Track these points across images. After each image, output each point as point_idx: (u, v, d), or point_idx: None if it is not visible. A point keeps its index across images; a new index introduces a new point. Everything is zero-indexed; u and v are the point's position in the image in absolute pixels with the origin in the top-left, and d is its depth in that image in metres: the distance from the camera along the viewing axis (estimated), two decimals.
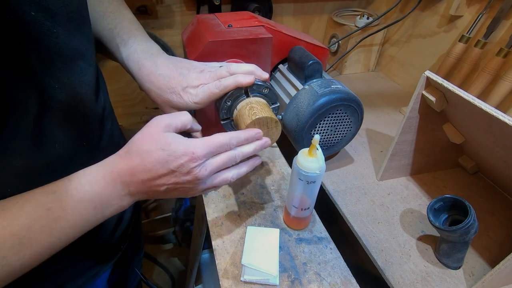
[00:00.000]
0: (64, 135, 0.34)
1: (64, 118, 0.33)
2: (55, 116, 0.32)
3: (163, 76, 0.41)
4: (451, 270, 0.45)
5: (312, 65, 0.54)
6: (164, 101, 0.42)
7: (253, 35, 0.51)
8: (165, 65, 0.42)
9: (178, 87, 0.41)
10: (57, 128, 0.32)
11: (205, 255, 1.05)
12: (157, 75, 0.41)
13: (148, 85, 0.42)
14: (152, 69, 0.42)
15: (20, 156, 0.30)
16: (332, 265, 0.44)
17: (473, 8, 0.69)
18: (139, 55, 0.43)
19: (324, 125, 0.54)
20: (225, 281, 0.42)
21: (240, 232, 0.48)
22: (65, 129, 0.33)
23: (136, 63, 0.43)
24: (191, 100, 0.41)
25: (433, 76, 0.43)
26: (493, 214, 0.54)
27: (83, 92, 0.35)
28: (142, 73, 0.42)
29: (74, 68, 0.33)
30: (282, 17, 0.91)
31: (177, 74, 0.41)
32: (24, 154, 0.30)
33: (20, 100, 0.28)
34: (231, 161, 0.36)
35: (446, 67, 0.70)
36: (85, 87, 0.35)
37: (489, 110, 0.36)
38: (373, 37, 0.89)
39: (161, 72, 0.42)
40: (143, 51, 0.43)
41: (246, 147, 0.38)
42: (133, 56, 0.43)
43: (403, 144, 0.54)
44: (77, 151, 0.36)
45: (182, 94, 0.41)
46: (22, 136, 0.29)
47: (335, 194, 0.56)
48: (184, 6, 0.80)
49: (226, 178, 0.37)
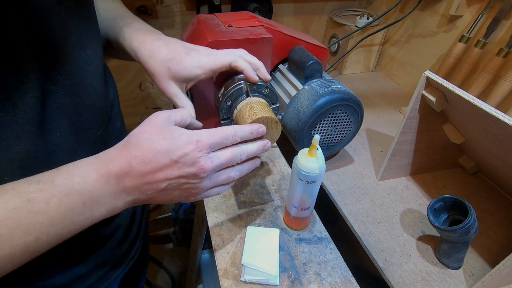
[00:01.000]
0: (67, 124, 0.32)
1: (68, 107, 0.31)
2: (59, 103, 0.30)
3: (166, 43, 0.41)
4: (451, 270, 0.45)
5: (312, 65, 0.54)
6: (162, 70, 0.40)
7: (253, 35, 0.51)
8: (170, 38, 0.42)
9: (181, 51, 0.40)
10: (60, 116, 0.31)
11: (205, 255, 1.04)
12: (160, 44, 0.40)
13: (147, 53, 0.40)
14: (155, 40, 0.41)
15: (18, 141, 0.27)
16: (332, 265, 0.44)
17: (473, 8, 0.69)
18: (143, 31, 0.42)
19: (324, 125, 0.54)
20: (225, 281, 0.42)
21: (240, 232, 0.48)
22: (69, 118, 0.32)
23: (139, 37, 0.42)
24: (193, 64, 0.39)
25: (433, 76, 0.43)
26: (493, 214, 0.54)
27: (88, 82, 0.34)
28: (144, 44, 0.41)
29: (81, 55, 0.33)
30: (282, 17, 0.91)
31: (182, 45, 0.41)
32: (23, 139, 0.28)
33: (20, 79, 0.26)
34: (236, 157, 0.34)
35: (446, 67, 0.70)
36: (91, 77, 0.34)
37: (489, 110, 0.36)
38: (373, 37, 0.89)
39: (164, 40, 0.41)
40: (147, 30, 0.43)
41: (251, 146, 0.37)
42: (137, 32, 0.42)
43: (403, 144, 0.54)
44: (80, 144, 0.34)
45: (184, 59, 0.39)
46: (21, 120, 0.27)
47: (335, 194, 0.56)
48: (184, 6, 0.80)
49: (230, 176, 0.35)
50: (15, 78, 0.26)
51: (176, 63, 0.39)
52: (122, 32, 0.43)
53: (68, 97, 0.31)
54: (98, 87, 0.36)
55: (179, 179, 0.30)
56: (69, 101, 0.32)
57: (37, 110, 0.28)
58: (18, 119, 0.27)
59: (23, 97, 0.27)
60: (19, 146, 0.27)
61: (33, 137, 0.28)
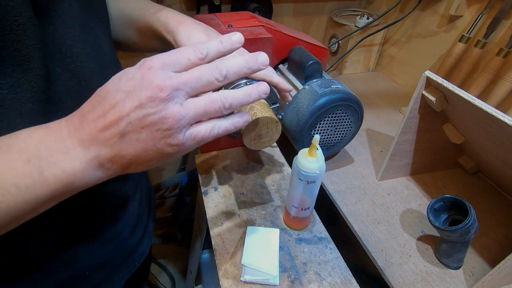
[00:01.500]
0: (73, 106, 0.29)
1: (74, 90, 0.31)
2: (64, 86, 0.30)
3: (205, 30, 0.41)
4: (451, 270, 0.45)
5: (312, 65, 0.54)
6: None
7: (253, 35, 0.51)
8: (208, 26, 0.42)
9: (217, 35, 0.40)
10: (66, 98, 0.30)
11: (205, 255, 1.04)
12: (200, 29, 0.40)
13: (185, 35, 0.39)
14: (194, 24, 0.41)
15: (21, 119, 0.26)
16: (332, 265, 0.44)
17: (473, 8, 0.69)
18: (180, 15, 0.43)
19: (324, 125, 0.54)
20: (225, 281, 0.42)
21: (240, 232, 0.48)
22: (74, 101, 0.30)
23: (177, 18, 0.41)
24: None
25: (433, 76, 0.43)
26: (493, 214, 0.54)
27: (93, 67, 0.34)
28: (183, 26, 0.40)
29: (86, 40, 0.33)
30: (282, 17, 0.91)
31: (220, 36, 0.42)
32: (26, 117, 0.26)
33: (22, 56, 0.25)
34: (211, 71, 0.26)
35: (446, 67, 0.70)
36: (96, 62, 0.35)
37: (489, 110, 0.36)
38: (373, 37, 0.89)
39: (204, 27, 0.41)
40: (183, 14, 0.43)
41: (233, 59, 0.28)
42: (173, 14, 0.42)
43: (403, 144, 0.54)
44: None
45: None
46: (24, 98, 0.26)
47: (335, 194, 0.56)
48: (184, 6, 0.80)
49: (214, 98, 0.27)
50: (17, 53, 0.25)
51: None
52: (155, 17, 0.42)
53: (74, 80, 0.31)
54: (103, 71, 0.36)
55: (136, 111, 0.24)
56: (74, 84, 0.31)
57: (40, 90, 0.27)
58: (21, 97, 0.26)
59: (26, 75, 0.26)
60: (21, 125, 0.26)
61: (36, 116, 0.27)
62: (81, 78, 0.32)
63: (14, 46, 0.25)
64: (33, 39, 0.26)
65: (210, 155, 0.62)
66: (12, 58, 0.25)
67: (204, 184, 0.56)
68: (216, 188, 0.55)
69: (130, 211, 0.45)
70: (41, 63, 0.27)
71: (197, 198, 0.81)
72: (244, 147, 0.64)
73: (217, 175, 0.58)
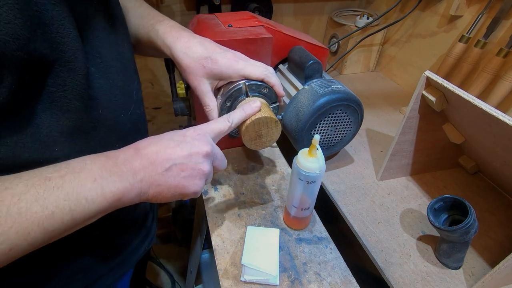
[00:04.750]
0: (106, 103, 0.35)
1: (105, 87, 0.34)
2: (98, 83, 0.33)
3: (201, 42, 0.43)
4: (451, 270, 0.45)
5: (312, 65, 0.54)
6: (197, 67, 0.42)
7: (253, 35, 0.51)
8: (204, 38, 0.45)
9: (218, 51, 0.42)
10: (100, 95, 0.34)
11: (205, 255, 1.04)
12: (195, 42, 0.43)
13: (182, 50, 0.42)
14: (190, 38, 0.43)
15: (68, 114, 0.30)
16: (332, 265, 0.44)
17: (473, 8, 0.69)
18: (177, 28, 0.45)
19: (324, 125, 0.54)
20: (225, 281, 0.42)
21: (240, 232, 0.48)
22: (106, 97, 0.35)
23: (174, 33, 0.44)
24: (229, 65, 0.42)
25: (433, 76, 0.43)
26: (493, 214, 0.54)
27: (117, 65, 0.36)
28: (179, 41, 0.43)
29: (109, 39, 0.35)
30: (282, 17, 0.91)
31: (217, 45, 0.44)
32: (72, 113, 0.30)
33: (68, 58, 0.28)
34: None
35: (446, 67, 0.70)
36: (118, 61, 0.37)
37: (489, 110, 0.36)
38: (373, 37, 0.89)
39: (199, 39, 0.44)
40: (181, 27, 0.46)
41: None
42: (171, 29, 0.44)
43: (403, 144, 0.54)
44: (116, 122, 0.37)
45: (220, 59, 0.42)
46: (70, 95, 0.30)
47: (335, 194, 0.56)
48: (184, 6, 0.80)
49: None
50: (63, 55, 0.28)
51: (212, 62, 0.42)
52: (154, 29, 0.45)
53: (104, 79, 0.34)
54: (125, 70, 0.39)
55: (182, 158, 0.33)
56: (105, 82, 0.34)
57: (83, 88, 0.31)
58: (67, 94, 0.29)
59: (72, 74, 0.29)
60: (68, 120, 0.30)
61: (80, 112, 0.31)
62: (109, 77, 0.35)
63: (61, 48, 0.28)
64: (76, 41, 0.29)
65: None
66: (60, 59, 0.28)
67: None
68: (216, 188, 0.55)
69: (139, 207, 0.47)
70: (83, 63, 0.30)
71: (197, 198, 0.81)
72: (244, 147, 0.64)
73: (217, 175, 0.58)
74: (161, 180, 0.32)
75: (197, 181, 0.35)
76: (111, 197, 0.29)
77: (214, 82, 0.44)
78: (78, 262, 0.39)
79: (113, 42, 0.37)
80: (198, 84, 0.43)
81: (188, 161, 0.33)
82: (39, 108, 0.28)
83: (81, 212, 0.27)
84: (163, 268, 1.23)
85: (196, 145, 0.34)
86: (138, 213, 0.47)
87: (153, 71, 0.89)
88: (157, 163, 0.32)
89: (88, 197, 0.28)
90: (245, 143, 0.43)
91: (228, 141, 0.63)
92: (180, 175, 0.33)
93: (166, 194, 0.33)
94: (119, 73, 0.37)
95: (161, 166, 0.32)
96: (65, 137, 0.31)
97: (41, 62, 0.27)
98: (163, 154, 0.32)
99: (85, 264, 0.40)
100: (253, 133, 0.42)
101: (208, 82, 0.43)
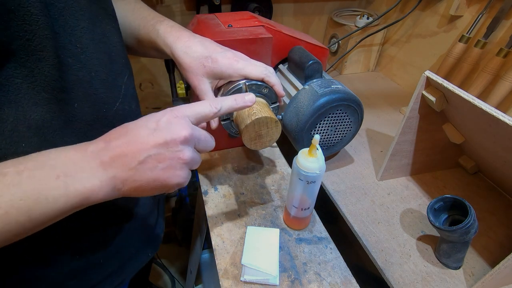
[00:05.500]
0: (84, 96, 0.33)
1: (84, 80, 0.33)
2: (75, 76, 0.32)
3: (201, 42, 0.43)
4: (451, 270, 0.45)
5: (312, 65, 0.54)
6: (197, 66, 0.42)
7: (253, 35, 0.51)
8: (204, 38, 0.44)
9: (218, 50, 0.42)
10: (77, 88, 0.32)
11: (205, 255, 1.05)
12: (195, 41, 0.43)
13: (182, 49, 0.42)
14: (190, 37, 0.43)
15: (35, 107, 0.28)
16: (332, 265, 0.44)
17: (473, 8, 0.69)
18: (177, 28, 0.44)
19: (324, 125, 0.54)
20: (225, 281, 0.42)
21: (240, 232, 0.48)
22: (85, 90, 0.33)
23: (174, 33, 0.44)
24: (229, 65, 0.42)
25: (433, 76, 0.43)
26: (493, 214, 0.54)
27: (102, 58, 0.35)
28: (179, 40, 0.43)
29: (94, 31, 0.34)
30: (282, 17, 0.91)
31: (217, 44, 0.44)
32: (40, 106, 0.28)
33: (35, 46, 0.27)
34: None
35: (446, 67, 0.70)
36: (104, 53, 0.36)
37: (489, 110, 0.36)
38: (373, 37, 0.89)
39: (200, 39, 0.43)
40: (181, 27, 0.45)
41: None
42: (171, 29, 0.44)
43: (403, 144, 0.54)
44: (97, 117, 0.35)
45: (220, 58, 0.41)
46: (38, 87, 0.28)
47: (335, 194, 0.56)
48: (184, 6, 0.80)
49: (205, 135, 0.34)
50: (30, 44, 0.26)
51: (212, 62, 0.41)
52: (154, 30, 0.45)
53: (84, 70, 0.33)
54: (111, 63, 0.38)
55: (158, 148, 0.29)
56: (85, 74, 0.33)
57: (53, 79, 0.29)
58: (35, 86, 0.28)
59: (40, 64, 0.27)
60: (36, 113, 0.28)
61: (50, 104, 0.29)
62: (91, 69, 0.34)
63: (27, 37, 0.26)
64: (45, 30, 0.27)
65: (210, 155, 0.62)
66: (25, 48, 0.26)
67: (204, 184, 0.56)
68: (216, 188, 0.55)
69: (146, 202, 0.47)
70: (53, 53, 0.28)
71: (197, 198, 0.81)
72: (244, 147, 0.64)
73: (217, 175, 0.58)
74: (136, 175, 0.29)
75: (178, 172, 0.31)
76: (77, 196, 0.26)
77: (214, 81, 0.43)
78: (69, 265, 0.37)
79: (100, 34, 0.35)
80: (198, 84, 0.42)
81: (165, 150, 0.29)
82: (3, 100, 0.26)
83: (41, 213, 0.25)
84: (163, 268, 1.23)
85: (172, 130, 0.30)
86: (138, 212, 0.45)
87: (153, 71, 0.89)
88: (129, 155, 0.28)
89: (49, 196, 0.25)
90: (245, 143, 0.43)
91: (228, 141, 0.63)
92: (158, 167, 0.29)
93: (146, 189, 0.30)
94: (103, 65, 0.35)
95: (134, 159, 0.28)
96: (33, 132, 0.28)
97: (0, 51, 0.25)
98: (135, 145, 0.28)
99: (77, 269, 0.38)
100: (253, 133, 0.42)
101: (208, 81, 0.43)
